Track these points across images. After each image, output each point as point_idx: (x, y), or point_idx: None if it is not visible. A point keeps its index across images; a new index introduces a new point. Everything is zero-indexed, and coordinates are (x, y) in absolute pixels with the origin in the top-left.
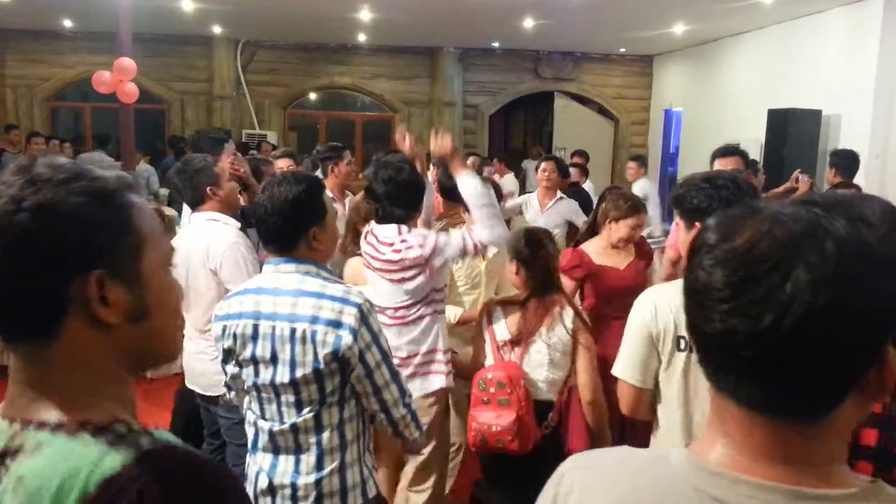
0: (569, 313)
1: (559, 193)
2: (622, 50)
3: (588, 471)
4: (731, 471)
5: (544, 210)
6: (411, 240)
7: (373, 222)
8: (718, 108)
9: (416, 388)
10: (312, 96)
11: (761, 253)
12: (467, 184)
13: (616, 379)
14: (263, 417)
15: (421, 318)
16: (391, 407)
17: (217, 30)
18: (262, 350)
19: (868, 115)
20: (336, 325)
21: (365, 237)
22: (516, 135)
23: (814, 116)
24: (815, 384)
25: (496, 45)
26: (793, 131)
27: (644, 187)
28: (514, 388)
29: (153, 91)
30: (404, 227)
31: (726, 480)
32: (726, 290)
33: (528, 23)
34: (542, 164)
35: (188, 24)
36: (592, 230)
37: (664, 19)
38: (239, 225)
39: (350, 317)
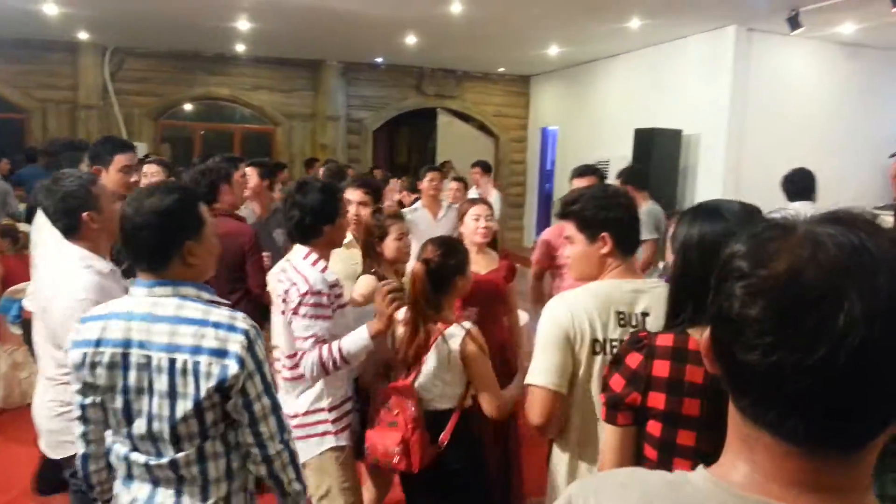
0: (456, 337)
1: (445, 203)
2: (501, 69)
3: (601, 495)
4: (759, 495)
5: (438, 220)
6: (304, 274)
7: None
8: (591, 127)
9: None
10: (188, 107)
11: (808, 282)
12: (360, 335)
13: None
14: (137, 450)
15: (293, 367)
16: (267, 441)
17: (83, 35)
18: (136, 381)
19: (723, 134)
20: (221, 354)
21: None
22: (401, 150)
23: (675, 136)
24: (863, 417)
25: (379, 60)
26: (657, 149)
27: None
28: (402, 411)
29: (11, 99)
30: (312, 257)
31: None
32: (769, 322)
33: (411, 39)
34: (429, 175)
35: (51, 28)
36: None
37: (540, 41)
38: (109, 269)
39: (236, 344)
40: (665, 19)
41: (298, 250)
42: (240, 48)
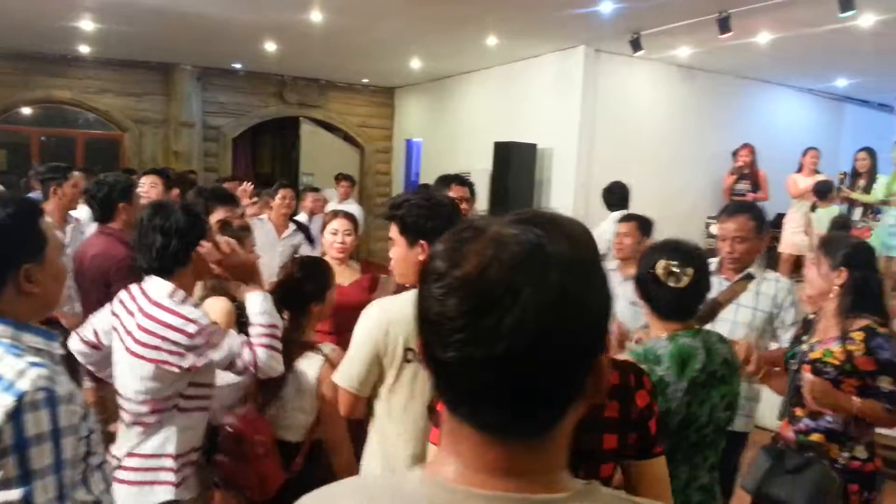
0: (313, 365)
1: (292, 225)
2: (365, 80)
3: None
4: (465, 486)
5: (282, 238)
6: (181, 313)
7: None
8: (453, 140)
9: (131, 500)
10: (26, 111)
11: (491, 280)
12: (255, 300)
13: None
14: None
15: (154, 411)
16: None
17: None
18: None
19: (574, 148)
20: None
21: (127, 288)
22: (264, 159)
23: (531, 149)
24: (547, 401)
25: (238, 66)
26: (514, 162)
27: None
28: (251, 445)
29: None
30: (179, 294)
31: (460, 495)
32: (460, 320)
33: (270, 46)
34: (280, 192)
35: None
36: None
37: (402, 54)
38: None
39: None
40: (519, 38)
41: (159, 287)
42: (84, 49)
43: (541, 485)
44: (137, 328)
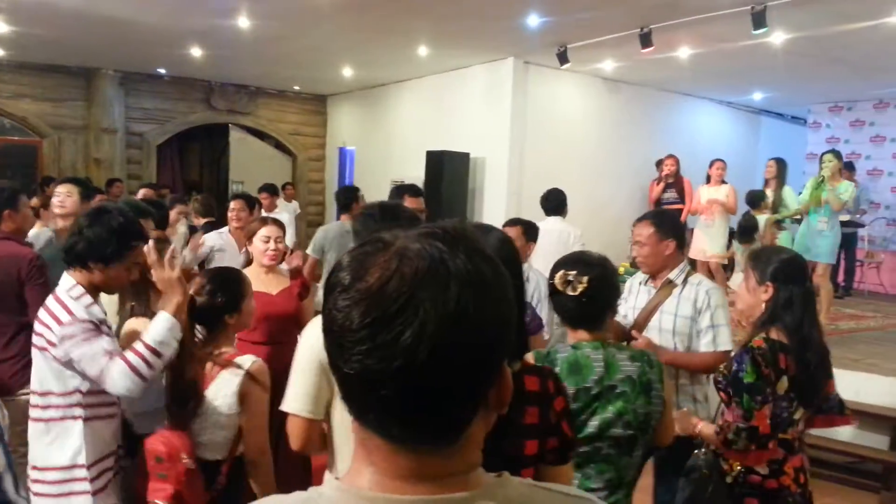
0: (235, 378)
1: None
2: (297, 88)
3: None
4: (382, 493)
5: (242, 251)
6: (65, 304)
7: None
8: (386, 148)
9: None
10: None
11: (392, 293)
12: (156, 320)
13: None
14: None
15: (63, 418)
16: None
17: None
18: None
19: (505, 157)
20: None
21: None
22: (192, 166)
23: (463, 158)
24: (449, 414)
25: (163, 71)
26: (447, 171)
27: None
28: (173, 463)
29: None
30: (77, 290)
31: (379, 503)
32: (362, 332)
33: (196, 51)
34: (232, 204)
35: None
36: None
37: (333, 62)
38: None
39: None
40: (450, 49)
41: (65, 280)
42: None
43: (455, 485)
44: (41, 330)
